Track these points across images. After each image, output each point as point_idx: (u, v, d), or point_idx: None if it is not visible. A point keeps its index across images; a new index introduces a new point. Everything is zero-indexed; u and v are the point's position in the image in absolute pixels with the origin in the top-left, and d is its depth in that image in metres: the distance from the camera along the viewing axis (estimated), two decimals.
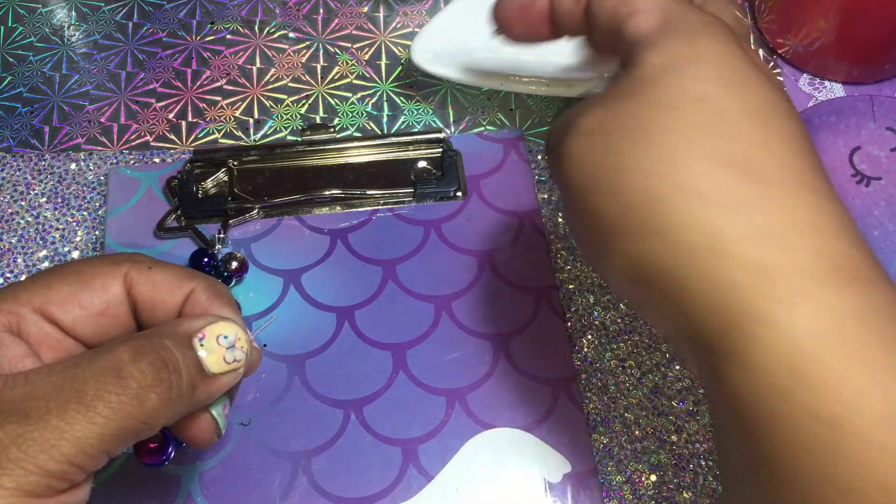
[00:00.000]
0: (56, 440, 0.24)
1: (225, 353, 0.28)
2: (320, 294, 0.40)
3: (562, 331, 0.39)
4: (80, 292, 0.29)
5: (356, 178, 0.43)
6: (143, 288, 0.30)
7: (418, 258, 0.41)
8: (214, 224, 0.41)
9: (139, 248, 0.40)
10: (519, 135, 0.45)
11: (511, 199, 0.42)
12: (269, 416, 0.36)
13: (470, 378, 0.38)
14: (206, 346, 0.28)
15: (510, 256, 0.41)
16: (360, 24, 0.52)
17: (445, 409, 0.37)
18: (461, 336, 0.39)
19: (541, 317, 0.39)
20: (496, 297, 0.40)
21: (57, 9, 0.52)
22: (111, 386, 0.25)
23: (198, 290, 0.30)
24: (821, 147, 0.44)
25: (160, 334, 0.28)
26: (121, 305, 0.30)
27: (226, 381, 0.29)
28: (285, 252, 0.41)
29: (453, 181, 0.42)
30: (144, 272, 0.30)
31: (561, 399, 0.37)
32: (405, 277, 0.40)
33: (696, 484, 0.37)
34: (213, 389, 0.29)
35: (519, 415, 0.37)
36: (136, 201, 0.42)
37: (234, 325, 0.29)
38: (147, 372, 0.26)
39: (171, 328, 0.28)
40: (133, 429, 0.26)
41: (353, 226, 0.42)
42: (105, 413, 0.25)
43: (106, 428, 0.25)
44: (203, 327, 0.28)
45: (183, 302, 0.30)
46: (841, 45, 0.47)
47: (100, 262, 0.30)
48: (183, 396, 0.27)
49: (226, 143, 0.47)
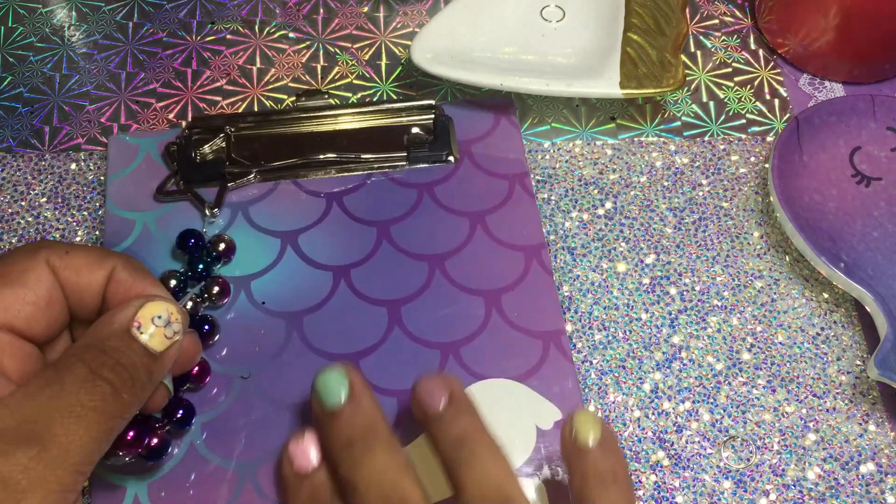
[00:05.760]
0: (66, 454, 0.26)
1: (164, 331, 0.30)
2: (317, 254, 0.41)
3: (551, 286, 0.40)
4: (19, 291, 0.30)
5: (351, 144, 0.44)
6: (67, 273, 0.31)
7: (412, 219, 0.42)
8: (213, 189, 0.42)
9: (140, 211, 0.41)
10: (509, 101, 0.46)
11: (501, 163, 0.43)
12: (268, 369, 0.38)
13: (463, 332, 0.39)
14: (144, 330, 0.29)
15: (501, 217, 0.42)
16: (360, 24, 0.52)
17: (440, 361, 0.38)
18: (454, 292, 0.40)
19: (531, 274, 0.40)
20: (488, 256, 0.41)
21: (57, 9, 0.52)
22: (89, 396, 0.27)
23: (118, 268, 0.31)
24: (821, 147, 0.44)
25: (103, 337, 0.29)
26: (59, 291, 0.31)
27: (172, 353, 0.30)
28: (282, 214, 0.42)
29: (445, 145, 0.43)
30: (63, 257, 0.31)
31: (551, 351, 0.38)
32: (399, 238, 0.41)
33: (696, 484, 0.38)
34: (165, 365, 0.30)
35: (511, 366, 0.38)
36: (135, 166, 0.43)
37: (161, 302, 0.30)
38: (112, 379, 0.28)
39: (108, 328, 0.29)
40: (117, 427, 0.28)
41: (348, 189, 0.43)
42: (94, 419, 0.27)
43: (99, 432, 0.27)
44: (134, 315, 0.29)
45: (105, 281, 0.31)
46: (841, 45, 0.47)
47: (17, 258, 0.30)
48: (145, 383, 0.29)
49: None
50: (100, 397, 0.27)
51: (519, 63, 0.47)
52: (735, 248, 0.43)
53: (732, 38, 0.51)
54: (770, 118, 0.48)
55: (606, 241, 0.43)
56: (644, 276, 0.42)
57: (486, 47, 0.47)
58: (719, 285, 0.42)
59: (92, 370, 0.27)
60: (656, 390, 0.39)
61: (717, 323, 0.41)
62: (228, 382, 0.37)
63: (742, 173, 0.46)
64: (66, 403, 0.27)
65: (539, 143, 0.47)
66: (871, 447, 0.38)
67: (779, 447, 0.38)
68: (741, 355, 0.40)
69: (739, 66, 0.50)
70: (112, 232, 0.41)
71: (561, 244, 0.43)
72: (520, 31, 0.48)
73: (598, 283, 0.42)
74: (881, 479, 0.37)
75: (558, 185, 0.45)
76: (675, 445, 0.38)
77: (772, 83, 0.50)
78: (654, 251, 0.43)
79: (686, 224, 0.44)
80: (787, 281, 0.42)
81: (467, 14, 0.48)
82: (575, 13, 0.49)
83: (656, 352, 0.40)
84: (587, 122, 0.48)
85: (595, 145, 0.47)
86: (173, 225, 0.41)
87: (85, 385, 0.27)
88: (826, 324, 0.41)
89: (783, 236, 0.44)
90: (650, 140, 0.47)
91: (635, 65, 0.44)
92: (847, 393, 0.40)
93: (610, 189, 0.45)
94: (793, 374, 0.40)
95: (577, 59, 0.47)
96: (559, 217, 0.44)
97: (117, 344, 0.29)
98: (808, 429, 0.39)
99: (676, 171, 0.46)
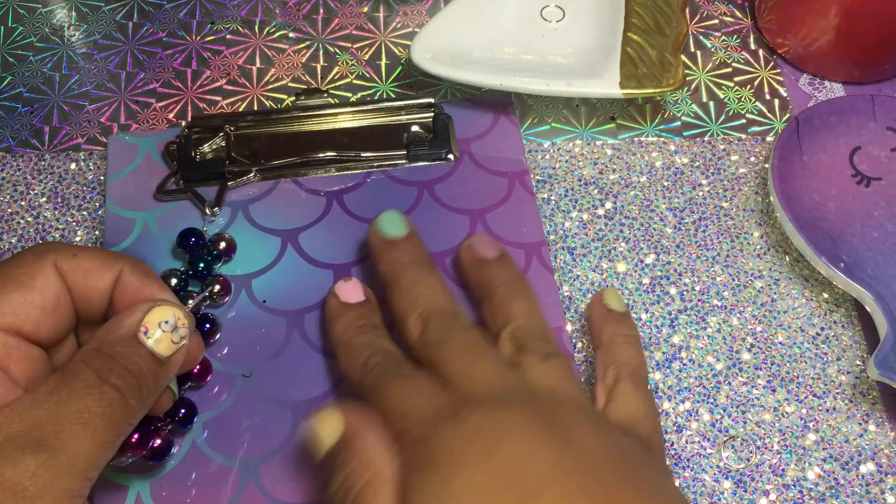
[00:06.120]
0: (74, 460, 0.26)
1: (171, 336, 0.30)
2: (317, 252, 0.41)
3: (552, 284, 0.40)
4: (27, 295, 0.29)
5: (350, 142, 0.44)
6: (74, 276, 0.31)
7: (412, 217, 0.41)
8: (213, 188, 0.42)
9: (140, 210, 0.41)
10: (509, 100, 0.46)
11: (501, 161, 0.43)
12: (269, 367, 0.38)
13: None
14: (151, 335, 0.29)
15: (501, 215, 0.42)
16: (360, 24, 0.52)
17: None
18: (455, 290, 0.40)
19: (532, 271, 0.40)
20: None
21: (57, 9, 0.52)
22: (97, 402, 0.27)
23: (125, 271, 0.31)
24: (821, 147, 0.44)
25: (110, 343, 0.29)
26: (66, 295, 0.31)
27: (179, 358, 0.30)
28: (283, 213, 0.42)
29: (445, 144, 0.43)
30: (71, 260, 0.31)
31: None
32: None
33: (696, 484, 0.38)
34: (171, 369, 0.30)
35: None
36: (135, 166, 0.43)
37: (168, 306, 0.30)
38: (120, 385, 0.28)
39: (115, 333, 0.29)
40: (124, 432, 0.28)
41: (348, 187, 0.43)
42: (102, 425, 0.27)
43: (106, 438, 0.27)
44: (141, 319, 0.29)
45: (112, 285, 0.31)
46: (841, 45, 0.47)
47: (25, 261, 0.30)
48: (151, 388, 0.29)
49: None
50: (107, 403, 0.27)
51: (519, 63, 0.47)
52: (735, 248, 0.43)
53: (732, 38, 0.52)
54: (770, 118, 0.48)
55: (606, 241, 0.43)
56: (644, 276, 0.42)
57: (486, 47, 0.47)
58: (719, 285, 0.42)
59: (99, 376, 0.27)
60: (656, 390, 0.39)
61: (717, 323, 0.41)
62: (230, 381, 0.37)
63: (742, 173, 0.46)
64: (73, 409, 0.27)
65: (539, 142, 0.47)
66: (871, 447, 0.38)
67: (779, 447, 0.38)
68: (741, 355, 0.40)
69: (739, 66, 0.50)
70: (112, 232, 0.41)
71: (561, 244, 0.43)
72: (520, 31, 0.48)
73: (598, 283, 0.42)
74: (881, 479, 0.38)
75: (558, 185, 0.45)
76: (675, 445, 0.38)
77: (772, 83, 0.50)
78: (653, 251, 0.43)
79: (686, 224, 0.44)
80: (787, 281, 0.43)
81: (467, 14, 0.47)
82: (575, 13, 0.49)
83: (656, 352, 0.40)
84: (587, 122, 0.48)
85: (595, 145, 0.47)
86: (173, 224, 0.41)
87: (92, 391, 0.27)
88: (826, 324, 0.41)
89: (783, 236, 0.44)
90: (650, 140, 0.47)
91: (635, 65, 0.44)
92: (847, 393, 0.40)
93: (610, 189, 0.45)
94: (793, 374, 0.40)
95: (577, 59, 0.47)
96: (559, 217, 0.44)
97: (124, 349, 0.28)
98: (808, 429, 0.39)
99: (676, 171, 0.46)
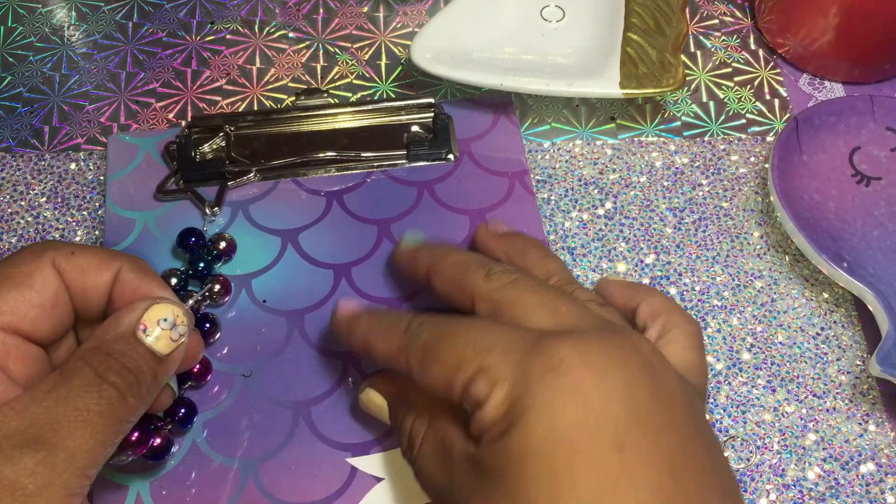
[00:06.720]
0: (72, 458, 0.26)
1: (170, 334, 0.30)
2: (317, 252, 0.41)
3: None
4: (26, 293, 0.29)
5: (350, 142, 0.44)
6: (73, 275, 0.31)
7: (412, 217, 0.42)
8: (213, 188, 0.42)
9: (140, 210, 0.41)
10: (509, 100, 0.46)
11: (501, 161, 0.43)
12: (270, 367, 0.38)
13: None
14: (150, 333, 0.29)
15: (501, 214, 0.42)
16: (360, 24, 0.52)
17: None
18: None
19: None
20: None
21: (57, 9, 0.52)
22: (96, 400, 0.27)
23: (124, 269, 0.31)
24: (821, 147, 0.44)
25: (109, 341, 0.29)
26: (64, 293, 0.30)
27: (178, 356, 0.30)
28: (283, 213, 0.42)
29: (445, 143, 0.43)
30: (69, 259, 0.31)
31: None
32: (400, 235, 0.41)
33: None
34: (170, 367, 0.30)
35: None
36: (135, 166, 0.43)
37: (167, 304, 0.30)
38: (119, 383, 0.28)
39: (114, 331, 0.29)
40: (123, 430, 0.28)
41: (348, 187, 0.43)
42: (101, 423, 0.27)
43: (105, 436, 0.27)
44: (140, 317, 0.29)
45: (111, 283, 0.31)
46: (841, 45, 0.47)
47: (23, 259, 0.30)
48: (150, 386, 0.29)
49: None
50: (106, 401, 0.27)
51: (519, 63, 0.47)
52: (735, 248, 0.43)
53: (732, 38, 0.52)
54: (770, 118, 0.48)
55: (606, 241, 0.43)
56: (644, 276, 0.42)
57: (486, 47, 0.47)
58: (719, 285, 0.42)
59: (98, 374, 0.27)
60: None
61: (717, 323, 0.41)
62: (230, 380, 0.37)
63: (742, 173, 0.46)
64: (72, 407, 0.27)
65: (539, 142, 0.47)
66: (871, 447, 0.38)
67: (779, 447, 0.38)
68: (741, 355, 0.40)
69: (739, 66, 0.50)
70: (112, 231, 0.41)
71: (561, 244, 0.43)
72: (520, 31, 0.48)
73: None
74: (881, 479, 0.38)
75: (558, 185, 0.45)
76: None
77: (772, 83, 0.50)
78: (654, 251, 0.43)
79: (686, 224, 0.44)
80: (787, 281, 0.43)
81: (467, 14, 0.48)
82: (575, 13, 0.49)
83: None
84: (587, 122, 0.48)
85: (595, 145, 0.47)
86: (173, 224, 0.41)
87: (91, 389, 0.27)
88: (826, 324, 0.41)
89: (783, 236, 0.44)
90: (650, 140, 0.47)
91: (635, 65, 0.44)
92: (847, 393, 0.40)
93: (610, 189, 0.45)
94: (793, 374, 0.40)
95: (577, 59, 0.47)
96: (559, 217, 0.44)
97: (123, 347, 0.28)
98: (808, 429, 0.39)
99: (676, 171, 0.46)
